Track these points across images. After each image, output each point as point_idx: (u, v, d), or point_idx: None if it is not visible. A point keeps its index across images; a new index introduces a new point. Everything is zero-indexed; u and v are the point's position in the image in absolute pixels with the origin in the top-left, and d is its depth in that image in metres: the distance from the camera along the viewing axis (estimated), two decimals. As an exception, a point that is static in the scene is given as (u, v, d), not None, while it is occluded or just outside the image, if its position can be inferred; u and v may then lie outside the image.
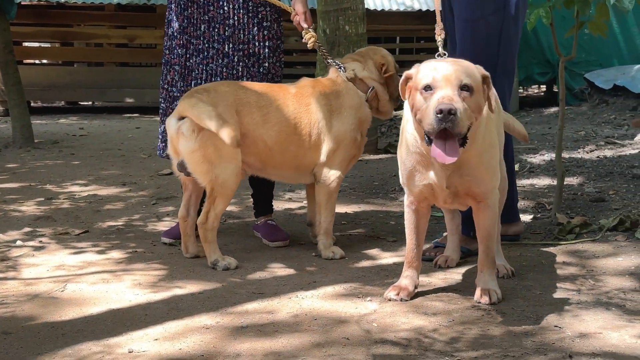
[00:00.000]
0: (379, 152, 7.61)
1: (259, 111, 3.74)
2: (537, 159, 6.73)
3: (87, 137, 9.31)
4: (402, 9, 13.08)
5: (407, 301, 3.14)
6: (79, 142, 8.88)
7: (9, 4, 8.07)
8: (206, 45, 4.07)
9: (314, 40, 4.04)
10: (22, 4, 12.14)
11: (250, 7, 4.07)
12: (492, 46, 3.77)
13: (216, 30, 4.06)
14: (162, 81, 4.19)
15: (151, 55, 13.25)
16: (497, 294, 3.12)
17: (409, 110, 2.97)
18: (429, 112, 2.72)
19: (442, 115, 2.65)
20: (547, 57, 12.04)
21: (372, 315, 2.99)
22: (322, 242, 3.89)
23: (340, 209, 5.01)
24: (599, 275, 3.47)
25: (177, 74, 4.12)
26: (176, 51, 4.11)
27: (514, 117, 3.78)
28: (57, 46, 13.89)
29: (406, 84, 2.94)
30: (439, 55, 3.18)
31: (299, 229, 4.48)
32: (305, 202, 5.25)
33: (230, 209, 5.10)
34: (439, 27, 3.30)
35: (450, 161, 2.74)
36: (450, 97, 2.70)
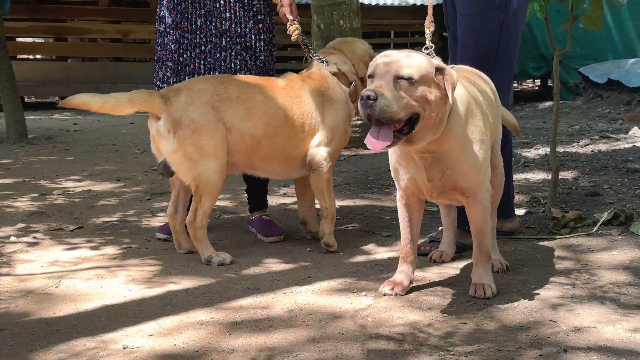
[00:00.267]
0: (374, 146, 7.58)
1: (242, 105, 3.69)
2: (531, 153, 6.74)
3: (81, 133, 9.29)
4: (396, 3, 13.08)
5: (401, 296, 3.14)
6: (73, 137, 8.86)
7: (2, -1, 8.05)
8: (203, 39, 4.06)
9: (298, 32, 4.01)
10: (15, -1, 12.11)
11: (245, 1, 4.06)
12: (493, 41, 3.77)
13: (213, 24, 4.05)
14: (154, 78, 4.18)
15: (145, 50, 13.24)
16: (491, 288, 3.12)
17: None
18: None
19: (363, 100, 2.71)
20: (541, 51, 12.06)
21: (367, 310, 2.99)
22: (327, 227, 3.89)
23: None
24: (594, 269, 3.48)
25: (169, 70, 4.10)
26: (169, 47, 4.10)
27: (505, 108, 3.78)
28: (50, 41, 13.89)
29: None
30: (425, 48, 3.18)
31: (293, 224, 4.47)
32: (300, 197, 5.26)
33: (224, 204, 5.10)
34: (429, 19, 3.30)
35: (378, 147, 2.77)
36: (377, 85, 2.75)
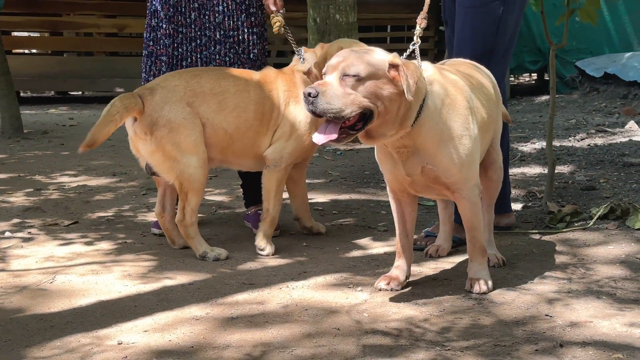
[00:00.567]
0: (370, 141, 7.58)
1: (215, 98, 3.66)
2: (527, 148, 6.73)
3: (77, 127, 9.26)
4: (392, -3, 13.05)
5: (397, 291, 3.14)
6: (69, 132, 8.83)
7: (-4, -6, 8.02)
8: (198, 32, 4.04)
9: (279, 25, 3.96)
10: (10, -7, 12.05)
11: None
12: (490, 34, 3.76)
13: (207, 17, 4.03)
14: (145, 73, 4.14)
15: (141, 44, 13.13)
16: (487, 283, 3.12)
17: None
18: None
19: (305, 97, 2.76)
20: (537, 45, 12.03)
21: (363, 305, 2.98)
22: (263, 230, 3.78)
23: (331, 198, 5.00)
24: (590, 263, 3.47)
25: (164, 64, 4.08)
26: (162, 41, 4.07)
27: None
28: (46, 36, 13.82)
29: None
30: (413, 44, 3.17)
31: (289, 219, 4.46)
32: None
33: (220, 199, 5.08)
34: (421, 15, 3.28)
35: (322, 142, 2.81)
36: (321, 83, 2.80)
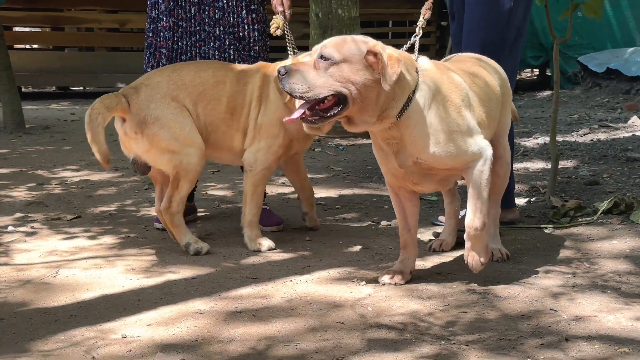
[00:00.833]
0: (373, 136, 7.57)
1: (196, 89, 3.66)
2: (530, 143, 6.72)
3: (78, 122, 9.25)
4: (395, -8, 13.04)
5: (401, 285, 3.13)
6: (71, 127, 8.83)
7: (-2, -12, 8.01)
8: (197, 27, 4.03)
9: (276, 26, 3.90)
10: (12, -12, 12.03)
11: None
12: (501, 27, 3.75)
13: (206, 12, 4.02)
14: (145, 65, 4.14)
15: (142, 39, 13.16)
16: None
17: None
18: None
19: (278, 75, 2.87)
20: (540, 40, 12.03)
21: (367, 299, 2.97)
22: (247, 235, 3.75)
23: (333, 193, 4.99)
24: (594, 258, 3.46)
25: (163, 57, 4.07)
26: (162, 34, 4.06)
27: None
28: (47, 31, 13.81)
29: None
30: (415, 36, 3.16)
31: (292, 213, 4.46)
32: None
33: (223, 193, 5.08)
34: (426, 5, 3.26)
35: (288, 120, 2.93)
36: (296, 63, 2.91)
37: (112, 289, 3.12)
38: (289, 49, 3.86)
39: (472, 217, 3.04)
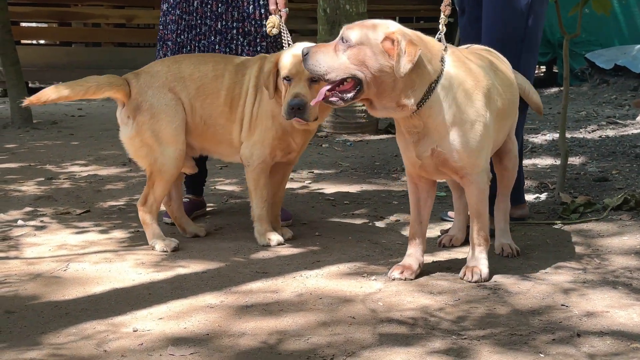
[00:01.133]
0: (380, 132, 7.59)
1: (194, 83, 3.68)
2: (539, 139, 6.71)
3: (85, 118, 9.26)
4: (402, -12, 13.03)
5: (411, 280, 3.13)
6: (78, 122, 8.84)
7: (6, -16, 8.01)
8: (198, 21, 4.02)
9: (271, 25, 3.85)
10: (19, -17, 12.04)
11: None
12: (520, 22, 3.73)
13: (209, 6, 4.01)
14: (156, 57, 4.15)
15: (149, 35, 13.18)
16: (481, 272, 3.10)
17: None
18: None
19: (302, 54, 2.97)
20: (547, 36, 11.98)
21: (378, 294, 2.97)
22: (256, 229, 3.74)
23: (342, 189, 4.99)
24: (605, 254, 3.46)
25: (169, 49, 4.08)
26: (169, 27, 4.07)
27: (532, 87, 3.72)
28: (54, 26, 13.81)
29: None
30: (440, 33, 3.15)
31: (301, 208, 4.46)
32: (307, 182, 5.25)
33: (231, 188, 5.08)
34: (445, 2, 3.25)
35: (312, 103, 3.08)
36: (320, 44, 2.97)
37: (122, 283, 3.13)
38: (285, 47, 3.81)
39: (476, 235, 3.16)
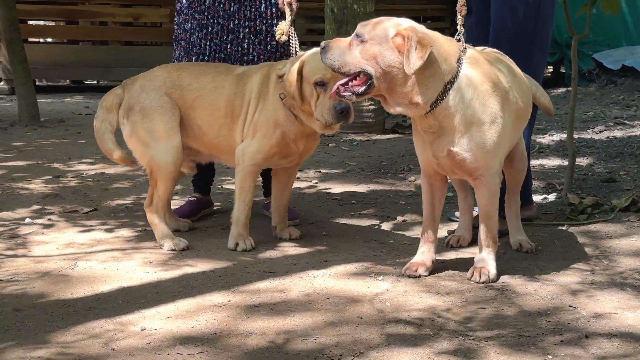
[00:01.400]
0: (387, 132, 7.58)
1: (191, 94, 3.68)
2: (546, 140, 6.70)
3: (92, 116, 9.24)
4: (409, -12, 13.02)
5: (425, 277, 3.14)
6: (85, 120, 8.84)
7: (14, -18, 8.02)
8: (210, 20, 4.02)
9: (280, 32, 3.80)
10: (27, -19, 12.06)
11: None
12: (530, 22, 3.72)
13: (221, 5, 4.00)
14: (172, 57, 4.17)
15: (156, 34, 13.19)
16: (489, 272, 3.10)
17: None
18: None
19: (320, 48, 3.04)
20: (554, 37, 11.95)
21: (385, 294, 2.97)
22: (231, 231, 3.66)
23: (349, 189, 4.98)
24: (613, 255, 3.45)
25: (182, 49, 4.08)
26: (183, 26, 4.08)
27: (541, 89, 3.72)
28: (62, 24, 13.83)
29: None
30: (458, 34, 3.14)
31: (308, 208, 4.46)
32: (314, 181, 5.24)
33: (238, 187, 5.07)
34: (460, 2, 3.23)
35: (330, 96, 3.08)
36: (336, 39, 3.05)
37: (129, 282, 3.13)
38: (296, 49, 3.79)
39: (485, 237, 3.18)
